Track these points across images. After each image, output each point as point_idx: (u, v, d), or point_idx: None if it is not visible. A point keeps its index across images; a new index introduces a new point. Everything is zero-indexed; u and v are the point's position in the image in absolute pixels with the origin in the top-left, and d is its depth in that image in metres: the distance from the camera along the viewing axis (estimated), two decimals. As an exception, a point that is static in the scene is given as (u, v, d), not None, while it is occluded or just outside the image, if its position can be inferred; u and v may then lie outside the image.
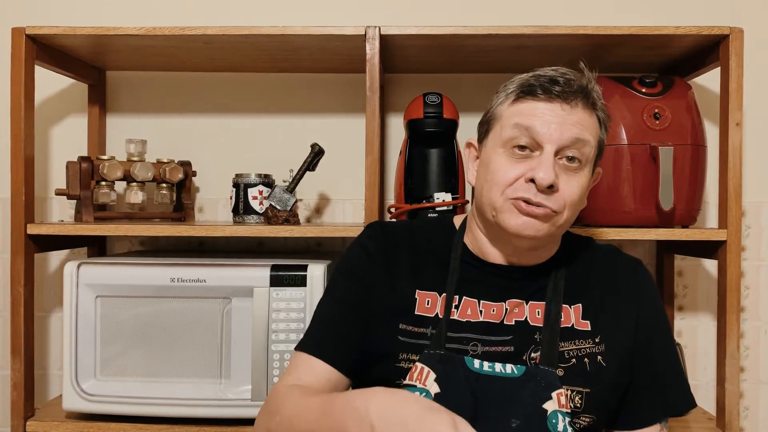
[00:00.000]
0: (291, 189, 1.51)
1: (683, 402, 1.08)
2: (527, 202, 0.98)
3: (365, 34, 1.38)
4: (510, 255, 1.06)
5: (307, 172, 1.53)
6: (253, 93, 1.78)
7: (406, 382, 1.00)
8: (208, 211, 1.78)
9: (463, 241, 1.11)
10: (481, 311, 1.04)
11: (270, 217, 1.48)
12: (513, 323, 1.03)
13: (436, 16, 1.73)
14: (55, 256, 1.78)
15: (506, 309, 1.04)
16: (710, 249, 1.41)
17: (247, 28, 1.39)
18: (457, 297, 1.05)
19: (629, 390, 1.05)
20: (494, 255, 1.07)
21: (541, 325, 1.03)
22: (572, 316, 1.05)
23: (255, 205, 1.54)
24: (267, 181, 1.56)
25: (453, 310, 1.04)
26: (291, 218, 1.48)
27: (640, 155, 1.37)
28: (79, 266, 1.37)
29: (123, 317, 1.37)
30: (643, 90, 1.41)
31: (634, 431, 1.06)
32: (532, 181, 0.97)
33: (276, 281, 1.35)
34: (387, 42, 1.42)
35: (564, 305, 1.05)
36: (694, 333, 1.73)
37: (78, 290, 1.36)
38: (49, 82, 1.72)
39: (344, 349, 1.05)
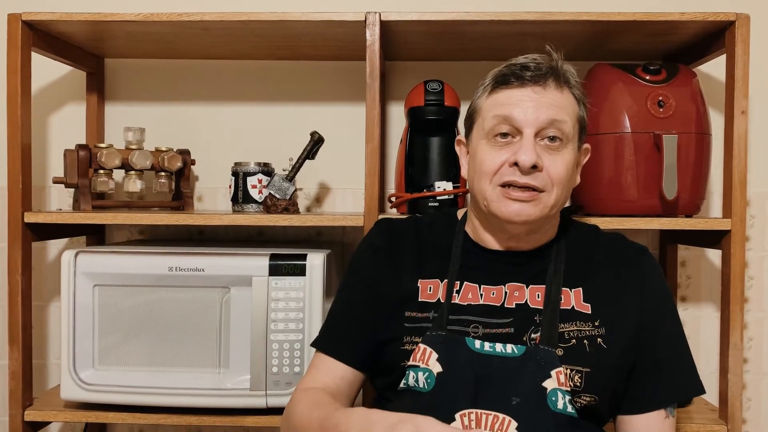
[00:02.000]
0: (290, 178, 1.50)
1: (689, 388, 1.09)
2: (514, 185, 1.02)
3: (365, 20, 1.36)
4: (507, 240, 1.10)
5: (307, 161, 1.52)
6: (252, 81, 1.76)
7: (410, 362, 1.04)
8: (207, 200, 1.77)
9: (464, 231, 1.16)
10: (481, 294, 1.08)
11: (269, 206, 1.47)
12: (513, 306, 1.06)
13: (437, 2, 1.71)
14: (54, 245, 1.77)
15: (506, 292, 1.08)
16: (714, 239, 1.39)
17: (246, 14, 1.38)
18: (458, 282, 1.09)
19: (633, 374, 1.06)
20: (492, 242, 1.12)
21: (541, 308, 1.05)
22: (572, 298, 1.07)
23: (254, 193, 1.53)
24: (266, 170, 1.55)
25: (454, 294, 1.08)
26: (290, 207, 1.47)
27: (644, 143, 1.35)
28: (76, 255, 1.36)
29: (121, 306, 1.36)
30: (647, 77, 1.39)
31: (639, 415, 1.06)
32: (516, 164, 1.02)
33: (275, 270, 1.34)
34: (387, 28, 1.40)
35: (565, 288, 1.08)
36: (696, 323, 1.72)
37: (76, 279, 1.36)
38: (47, 69, 1.71)
39: (358, 347, 1.12)
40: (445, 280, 1.09)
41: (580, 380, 1.01)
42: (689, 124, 1.36)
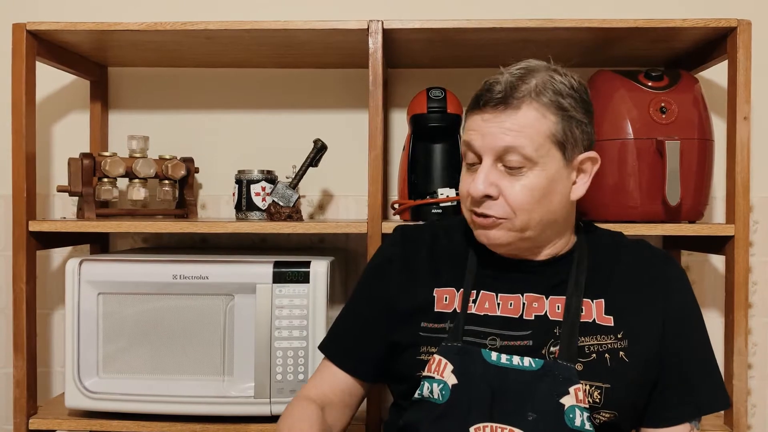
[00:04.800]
0: (294, 185, 1.50)
1: (714, 402, 1.06)
2: (477, 214, 1.02)
3: (368, 29, 1.37)
4: (511, 253, 1.07)
5: (310, 168, 1.53)
6: (255, 88, 1.77)
7: (425, 373, 1.02)
8: (210, 208, 1.77)
9: None
10: (498, 304, 1.05)
11: (273, 213, 1.47)
12: (532, 317, 1.04)
13: (439, 9, 1.71)
14: (58, 254, 1.77)
15: (524, 303, 1.04)
16: (717, 244, 1.39)
17: (249, 22, 1.38)
18: (474, 292, 1.07)
19: (657, 387, 1.03)
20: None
21: (561, 320, 1.02)
22: (594, 310, 1.04)
23: (258, 201, 1.53)
24: (270, 178, 1.55)
25: (471, 304, 1.06)
26: (294, 214, 1.47)
27: (647, 150, 1.35)
28: (81, 263, 1.36)
29: (125, 314, 1.36)
30: (650, 84, 1.39)
31: (663, 429, 1.04)
32: None
33: (279, 278, 1.34)
34: (390, 36, 1.41)
35: (586, 299, 1.04)
36: (700, 329, 1.72)
37: (80, 287, 1.36)
38: (51, 78, 1.71)
39: (364, 358, 1.12)
40: (462, 290, 1.07)
41: (599, 396, 0.98)
42: (692, 130, 1.37)
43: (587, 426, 0.96)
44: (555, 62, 1.05)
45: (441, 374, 1.00)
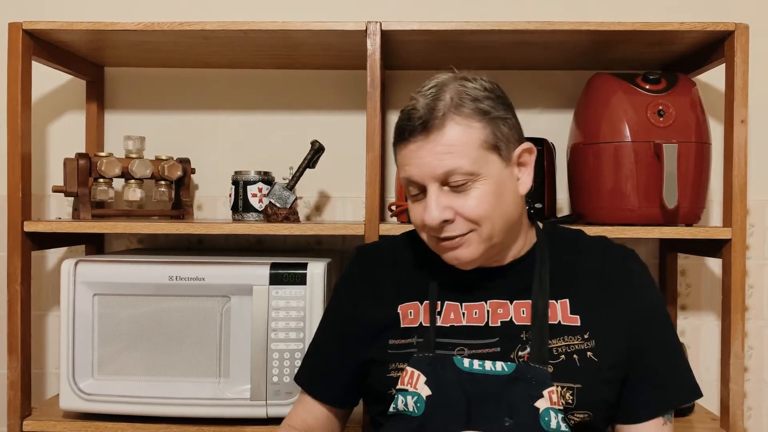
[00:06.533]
0: (291, 186, 1.50)
1: (685, 394, 1.07)
2: (441, 239, 1.01)
3: (366, 30, 1.37)
4: (480, 265, 1.06)
5: (307, 170, 1.52)
6: (252, 89, 1.76)
7: (399, 386, 1.02)
8: (207, 209, 1.76)
9: None
10: (463, 314, 1.05)
11: (269, 214, 1.47)
12: (498, 324, 1.04)
13: (438, 11, 1.71)
14: (53, 254, 1.76)
15: (488, 311, 1.05)
16: (714, 247, 1.39)
17: (247, 23, 1.38)
18: (439, 303, 1.06)
19: (627, 383, 1.04)
20: None
21: (527, 324, 1.03)
22: (559, 311, 1.04)
23: (254, 202, 1.53)
24: (266, 179, 1.55)
25: (436, 316, 1.06)
26: (291, 216, 1.47)
27: (644, 153, 1.35)
28: (76, 264, 1.36)
29: (121, 316, 1.36)
30: (647, 87, 1.39)
31: (637, 424, 1.04)
32: None
33: (275, 279, 1.34)
34: (388, 38, 1.40)
35: (551, 300, 1.04)
36: (696, 332, 1.72)
37: (75, 288, 1.35)
38: (47, 78, 1.71)
39: (335, 384, 1.13)
40: (426, 302, 1.06)
41: (572, 397, 0.98)
42: (689, 133, 1.37)
43: (563, 428, 0.97)
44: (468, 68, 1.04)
45: (414, 386, 1.00)
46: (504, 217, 1.01)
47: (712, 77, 1.62)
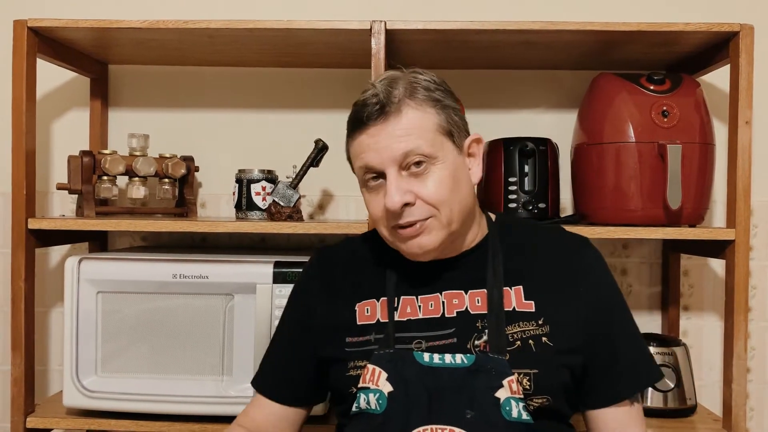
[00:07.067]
0: (294, 185, 1.50)
1: (647, 377, 1.09)
2: (401, 226, 1.01)
3: (371, 29, 1.37)
4: (437, 257, 1.07)
5: (311, 168, 1.52)
6: (256, 88, 1.76)
7: (360, 385, 1.02)
8: (210, 207, 1.77)
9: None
10: (419, 306, 1.06)
11: (273, 213, 1.47)
12: (454, 314, 1.04)
13: (442, 11, 1.71)
14: (57, 252, 1.77)
15: (443, 302, 1.05)
16: (718, 248, 1.39)
17: (252, 21, 1.38)
18: (396, 298, 1.07)
19: (590, 369, 1.04)
20: None
21: (482, 312, 1.03)
22: (513, 298, 1.05)
23: (258, 201, 1.53)
24: (270, 177, 1.55)
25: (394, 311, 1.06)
26: (294, 214, 1.47)
27: (648, 153, 1.35)
28: (80, 261, 1.36)
29: (124, 313, 1.36)
30: (652, 87, 1.39)
31: (604, 408, 1.05)
32: None
33: (279, 278, 1.34)
34: (393, 37, 1.40)
35: (505, 287, 1.05)
36: (699, 333, 1.72)
37: (79, 286, 1.35)
38: (51, 75, 1.71)
39: (290, 384, 1.14)
40: (383, 298, 1.07)
41: (529, 383, 0.99)
42: (693, 133, 1.37)
43: (524, 416, 0.98)
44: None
45: (376, 383, 1.01)
46: (461, 203, 1.02)
47: (717, 78, 1.62)
